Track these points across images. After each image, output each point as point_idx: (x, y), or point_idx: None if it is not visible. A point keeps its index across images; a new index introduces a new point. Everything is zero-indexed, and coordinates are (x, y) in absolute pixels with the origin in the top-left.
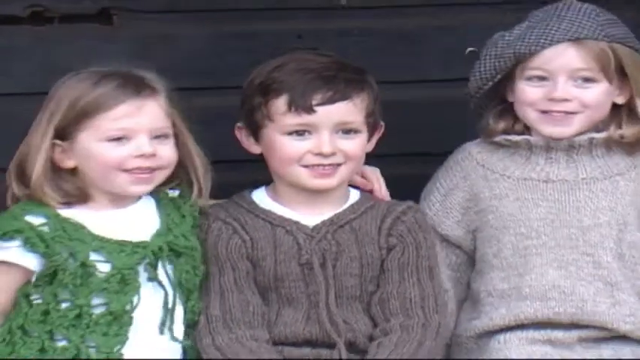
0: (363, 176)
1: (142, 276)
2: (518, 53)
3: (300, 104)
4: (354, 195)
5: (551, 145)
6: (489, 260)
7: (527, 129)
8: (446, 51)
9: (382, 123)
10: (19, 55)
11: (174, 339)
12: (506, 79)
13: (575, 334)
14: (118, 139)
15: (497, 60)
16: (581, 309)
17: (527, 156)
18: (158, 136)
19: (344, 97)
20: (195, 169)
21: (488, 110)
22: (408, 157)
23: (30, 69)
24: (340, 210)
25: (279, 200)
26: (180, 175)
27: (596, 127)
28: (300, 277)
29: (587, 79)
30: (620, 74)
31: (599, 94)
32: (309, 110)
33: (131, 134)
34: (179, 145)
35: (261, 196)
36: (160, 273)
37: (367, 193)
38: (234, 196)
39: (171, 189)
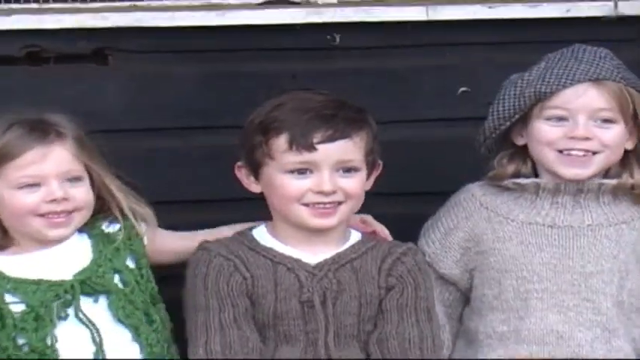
0: (361, 221)
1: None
2: (539, 92)
3: (302, 142)
4: (355, 235)
5: (559, 189)
6: (489, 302)
7: (534, 172)
8: (437, 90)
9: (380, 162)
10: (14, 95)
11: None
12: (517, 121)
13: None
14: (30, 185)
15: (518, 99)
16: (577, 354)
17: (533, 200)
18: (70, 179)
19: (344, 136)
20: (119, 206)
21: (495, 154)
22: (404, 197)
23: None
24: (341, 249)
25: (280, 238)
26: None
27: (605, 174)
28: (299, 314)
29: (606, 120)
30: (634, 119)
31: (618, 134)
32: (311, 148)
33: (41, 180)
34: (98, 184)
35: (261, 234)
36: (86, 309)
37: (369, 234)
38: (235, 234)
39: (112, 223)
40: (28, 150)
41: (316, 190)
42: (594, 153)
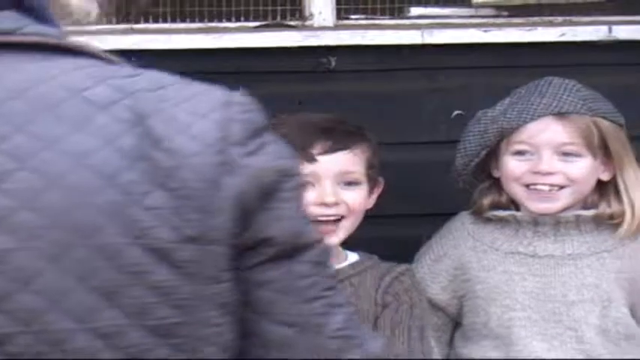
0: None
1: None
2: (502, 128)
3: (302, 154)
4: (353, 256)
5: (538, 221)
6: (479, 329)
7: (513, 203)
8: (432, 114)
9: (381, 179)
10: None
11: None
12: (492, 155)
13: None
14: None
15: (482, 136)
16: None
17: (516, 229)
18: None
19: (344, 147)
20: None
21: (476, 187)
22: (399, 219)
23: None
24: (340, 267)
25: None
26: None
27: (584, 204)
28: None
29: (571, 154)
30: (604, 150)
31: (584, 168)
32: (311, 160)
33: None
34: None
35: None
36: None
37: (368, 254)
38: None
39: None
40: None
41: (319, 202)
42: (561, 187)
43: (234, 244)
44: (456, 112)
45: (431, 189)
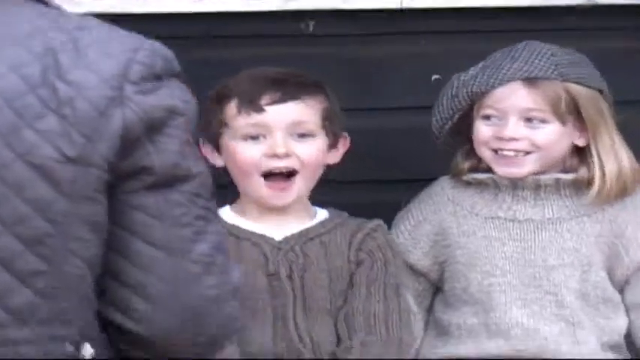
0: None
1: None
2: (471, 92)
3: (249, 105)
4: (322, 213)
5: (517, 184)
6: (459, 295)
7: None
8: (411, 79)
9: (346, 135)
10: None
11: None
12: (469, 118)
13: None
14: None
15: (453, 100)
16: (543, 348)
17: (496, 194)
18: None
19: (295, 98)
20: None
21: (456, 149)
22: (376, 184)
23: None
24: (309, 225)
25: (245, 215)
26: None
27: (564, 168)
28: (266, 288)
29: (537, 120)
30: (576, 115)
31: (551, 134)
32: (259, 110)
33: None
34: None
35: (226, 213)
36: None
37: (338, 211)
38: None
39: None
40: None
41: (270, 154)
42: (527, 153)
43: (114, 169)
44: (434, 77)
45: (410, 154)
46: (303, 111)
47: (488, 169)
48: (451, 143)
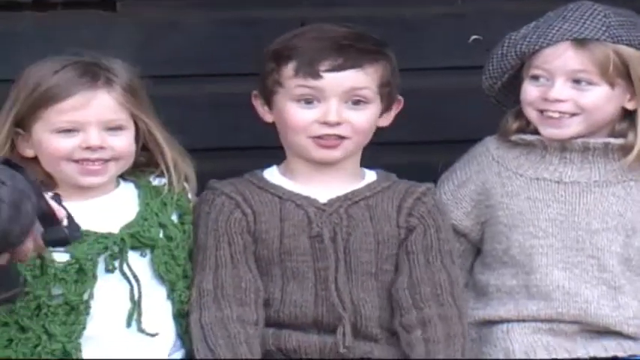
0: None
1: (103, 267)
2: (520, 52)
3: (307, 69)
4: (371, 175)
5: (566, 146)
6: (499, 256)
7: None
8: (449, 39)
9: (401, 98)
10: (21, 42)
11: (140, 330)
12: (521, 78)
13: (577, 327)
14: (68, 130)
15: (503, 59)
16: (584, 311)
17: (543, 155)
18: (111, 128)
19: (355, 66)
20: (165, 158)
21: (509, 108)
22: (415, 146)
23: (32, 55)
24: (356, 187)
25: (290, 176)
26: (164, 163)
27: (613, 132)
28: (308, 251)
29: (585, 82)
30: (628, 78)
31: (598, 97)
32: (316, 76)
33: (80, 127)
34: (144, 135)
35: (272, 173)
36: (131, 264)
37: (386, 172)
38: (246, 174)
39: (158, 177)
40: (73, 95)
41: (322, 121)
42: (572, 115)
43: None
44: (473, 37)
45: (447, 115)
46: (362, 79)
47: (536, 131)
48: (504, 101)
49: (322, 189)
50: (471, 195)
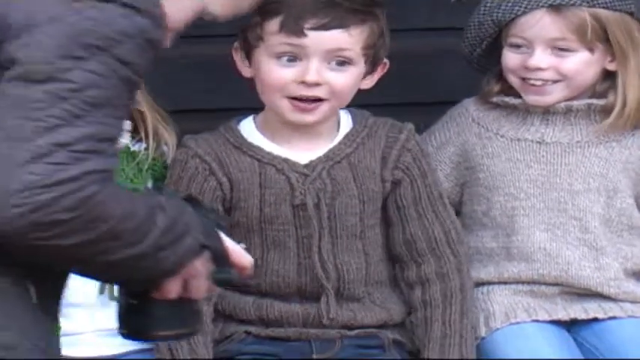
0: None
1: None
2: (496, 20)
3: (292, 26)
4: (346, 121)
5: (548, 109)
6: (479, 218)
7: None
8: (432, 0)
9: (386, 61)
10: None
11: (113, 298)
12: (501, 41)
13: (557, 288)
14: None
15: (480, 27)
16: (565, 272)
17: (524, 116)
18: None
19: (340, 26)
20: (145, 124)
21: (490, 70)
22: (396, 107)
23: None
24: (335, 143)
25: (268, 133)
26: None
27: (595, 92)
28: (290, 220)
29: (564, 49)
30: (607, 40)
31: (578, 63)
32: (300, 33)
33: None
34: None
35: (249, 128)
36: None
37: (360, 111)
38: (221, 127)
39: (138, 142)
40: None
41: (299, 80)
42: (554, 81)
43: None
44: None
45: (428, 77)
46: (346, 39)
47: (519, 94)
48: (486, 65)
49: (302, 147)
50: (450, 157)
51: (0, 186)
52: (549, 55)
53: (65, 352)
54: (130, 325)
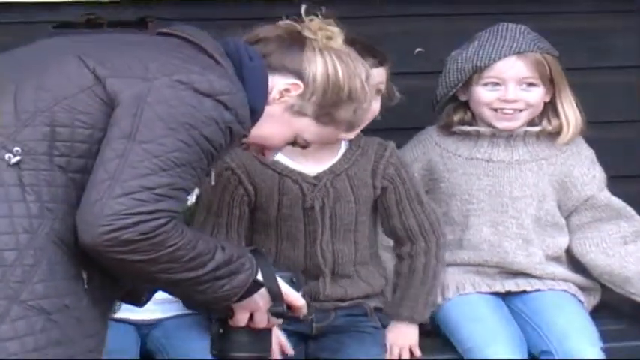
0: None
1: None
2: (476, 66)
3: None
4: (343, 144)
5: (495, 134)
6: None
7: (474, 119)
8: (400, 50)
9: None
10: None
11: None
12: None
13: (497, 269)
14: None
15: (459, 72)
16: (503, 258)
17: (475, 141)
18: None
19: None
20: None
21: (445, 107)
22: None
23: None
24: (336, 160)
25: (283, 152)
26: None
27: (531, 122)
28: (301, 218)
29: (530, 84)
30: (548, 80)
31: (539, 94)
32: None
33: None
34: None
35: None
36: None
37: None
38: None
39: None
40: None
41: None
42: (521, 110)
43: None
44: (418, 50)
45: (401, 109)
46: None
47: (471, 122)
48: (443, 105)
49: (311, 163)
50: (419, 171)
51: (96, 210)
52: (519, 90)
53: (129, 316)
54: (217, 347)
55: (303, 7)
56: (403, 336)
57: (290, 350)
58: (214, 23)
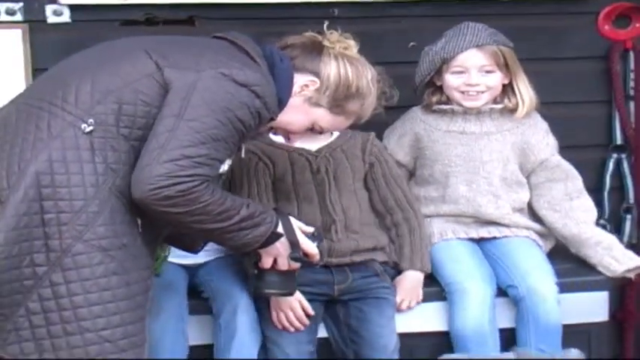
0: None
1: None
2: (444, 58)
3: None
4: (334, 132)
5: (466, 111)
6: (426, 178)
7: (449, 100)
8: (397, 45)
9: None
10: None
11: None
12: (436, 72)
13: (472, 219)
14: None
15: (430, 63)
16: (477, 210)
17: (451, 117)
18: None
19: None
20: None
21: (425, 91)
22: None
23: None
24: (331, 140)
25: (287, 138)
26: None
27: (494, 100)
28: (311, 180)
29: (488, 71)
30: (505, 65)
31: (496, 79)
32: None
33: None
34: None
35: (277, 137)
36: None
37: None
38: (259, 137)
39: None
40: None
41: None
42: (483, 92)
43: None
44: (411, 44)
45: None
46: None
47: (447, 102)
48: (422, 90)
49: (309, 144)
50: (408, 142)
51: (146, 172)
52: (480, 76)
53: (181, 261)
54: (254, 285)
55: (325, 23)
56: (416, 284)
57: (311, 311)
58: (249, 22)
